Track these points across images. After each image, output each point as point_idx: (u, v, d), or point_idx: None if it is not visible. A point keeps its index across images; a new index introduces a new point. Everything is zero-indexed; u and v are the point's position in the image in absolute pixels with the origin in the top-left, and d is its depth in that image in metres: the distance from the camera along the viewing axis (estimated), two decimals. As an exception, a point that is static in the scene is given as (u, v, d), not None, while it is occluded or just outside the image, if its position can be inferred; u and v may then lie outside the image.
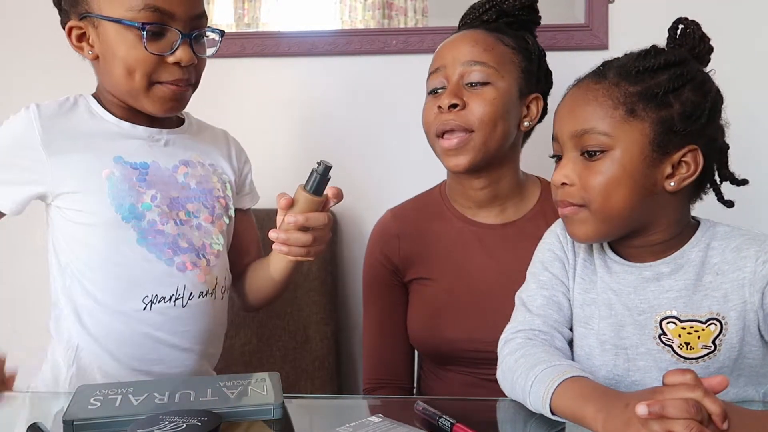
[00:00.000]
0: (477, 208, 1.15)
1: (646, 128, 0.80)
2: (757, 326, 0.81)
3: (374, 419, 0.74)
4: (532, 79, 1.11)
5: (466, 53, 1.08)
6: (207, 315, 1.04)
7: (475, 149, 1.06)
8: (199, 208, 1.04)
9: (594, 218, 0.83)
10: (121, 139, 1.00)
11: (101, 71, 1.00)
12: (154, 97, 0.98)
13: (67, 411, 0.69)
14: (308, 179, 0.93)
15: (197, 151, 1.08)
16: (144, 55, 0.94)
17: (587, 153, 0.82)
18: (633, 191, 0.81)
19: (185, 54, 0.96)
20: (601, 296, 0.87)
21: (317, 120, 1.57)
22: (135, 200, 0.97)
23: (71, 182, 0.96)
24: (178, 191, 1.02)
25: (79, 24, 0.97)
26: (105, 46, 0.96)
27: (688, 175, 0.81)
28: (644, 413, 0.63)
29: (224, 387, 0.75)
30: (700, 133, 0.81)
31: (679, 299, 0.83)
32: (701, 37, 0.86)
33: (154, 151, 1.02)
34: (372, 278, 1.23)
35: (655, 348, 0.83)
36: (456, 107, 1.06)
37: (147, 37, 0.93)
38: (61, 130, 0.97)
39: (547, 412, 0.75)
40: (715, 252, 0.83)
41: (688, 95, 0.80)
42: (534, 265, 0.94)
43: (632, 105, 0.80)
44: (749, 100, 1.44)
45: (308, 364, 1.50)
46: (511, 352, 0.85)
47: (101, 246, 0.97)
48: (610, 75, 0.83)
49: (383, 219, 1.23)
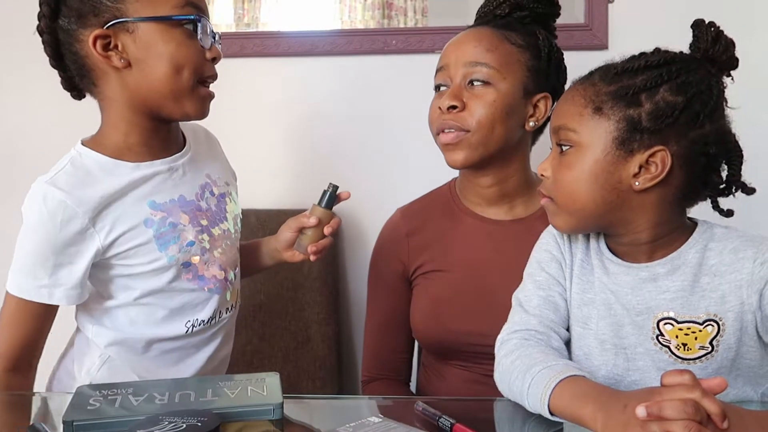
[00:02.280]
0: (486, 205, 1.15)
1: (611, 126, 0.80)
2: (755, 327, 0.81)
3: (374, 419, 0.74)
4: (540, 77, 1.10)
5: (468, 53, 1.08)
6: (230, 324, 1.12)
7: (471, 147, 1.07)
8: (223, 230, 1.06)
9: (560, 210, 0.86)
10: (145, 183, 0.98)
11: (135, 80, 0.94)
12: (197, 98, 0.98)
13: (66, 411, 0.69)
14: (321, 198, 1.07)
15: (206, 170, 1.08)
16: (194, 50, 0.95)
17: (561, 147, 0.85)
18: (595, 187, 0.82)
19: (218, 50, 1.00)
20: (599, 296, 0.87)
21: (317, 120, 1.57)
22: (178, 241, 0.99)
23: (120, 242, 0.96)
24: (206, 219, 1.03)
25: (105, 32, 0.92)
26: (145, 49, 0.93)
27: (654, 175, 0.80)
28: (643, 415, 0.63)
29: (224, 387, 0.76)
30: (676, 134, 0.79)
31: (676, 300, 0.83)
32: (715, 38, 0.84)
33: (177, 183, 1.02)
34: (378, 275, 1.23)
35: (653, 348, 0.83)
36: (455, 109, 1.07)
37: (196, 31, 0.95)
38: (94, 199, 0.94)
39: (545, 413, 0.75)
40: (713, 253, 0.83)
41: (663, 95, 0.79)
42: (531, 266, 0.94)
43: (600, 103, 0.81)
44: (749, 102, 1.43)
45: (309, 364, 1.50)
46: (507, 354, 0.85)
47: (147, 287, 0.99)
48: (594, 76, 0.85)
49: (393, 218, 1.24)
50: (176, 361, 1.04)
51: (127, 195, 0.96)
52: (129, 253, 0.96)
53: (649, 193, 0.81)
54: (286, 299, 1.52)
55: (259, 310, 1.51)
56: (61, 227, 0.92)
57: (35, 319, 0.96)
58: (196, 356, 1.05)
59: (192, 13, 0.94)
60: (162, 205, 0.98)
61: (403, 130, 1.51)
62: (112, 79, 0.95)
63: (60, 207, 0.92)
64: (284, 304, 1.52)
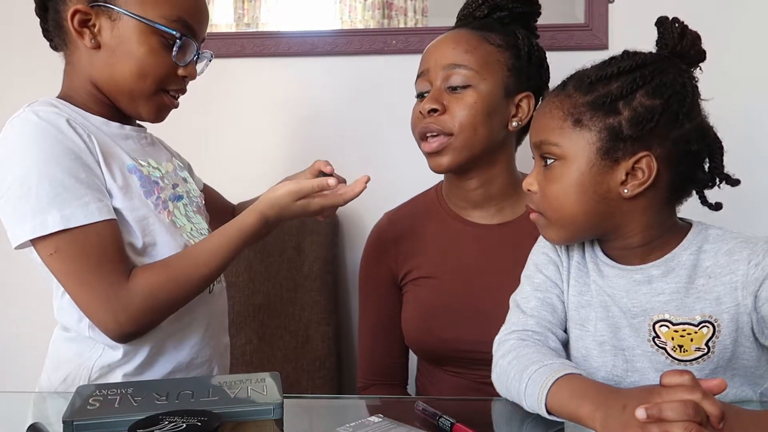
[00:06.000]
0: (472, 209, 1.15)
1: (592, 137, 0.80)
2: (751, 328, 0.81)
3: (374, 419, 0.74)
4: (521, 76, 1.10)
5: (447, 56, 1.08)
6: (222, 298, 1.10)
7: (455, 151, 1.07)
8: (191, 201, 1.07)
9: (551, 224, 0.86)
10: (120, 140, 0.99)
11: (100, 63, 0.96)
12: (154, 104, 0.99)
13: (66, 411, 0.69)
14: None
15: (165, 151, 1.11)
16: (164, 62, 0.96)
17: (545, 161, 0.85)
18: (584, 198, 0.81)
19: (194, 70, 1.01)
20: (596, 298, 0.87)
21: (317, 120, 1.57)
22: (160, 195, 0.99)
23: (114, 188, 0.94)
24: (179, 188, 1.04)
25: (87, 10, 0.94)
26: (119, 42, 0.94)
27: (641, 181, 0.80)
28: (643, 417, 0.63)
29: (224, 387, 0.75)
30: (658, 137, 0.79)
31: (671, 302, 0.83)
32: (681, 34, 0.84)
33: (146, 150, 1.03)
34: (367, 280, 1.24)
35: (650, 350, 0.83)
36: (436, 112, 1.06)
37: (176, 48, 0.96)
38: (86, 135, 0.93)
39: (543, 412, 0.75)
40: (707, 255, 0.83)
41: (640, 100, 0.79)
42: (528, 269, 0.95)
43: (579, 115, 0.81)
44: (748, 101, 1.44)
45: (309, 364, 1.50)
46: (504, 354, 0.85)
47: (140, 232, 0.95)
48: (568, 87, 0.84)
49: (379, 224, 1.23)
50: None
51: (107, 143, 0.96)
52: (120, 194, 0.94)
53: (639, 198, 0.81)
54: (286, 299, 1.52)
55: (259, 310, 1.51)
56: (68, 133, 0.90)
57: (100, 239, 0.88)
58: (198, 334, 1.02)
59: (179, 30, 0.95)
60: (139, 161, 0.99)
61: (404, 130, 1.50)
62: (81, 51, 0.97)
63: (58, 117, 0.90)
64: (284, 304, 1.52)
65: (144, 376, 0.96)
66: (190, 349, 1.01)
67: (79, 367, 0.96)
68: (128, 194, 0.94)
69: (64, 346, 0.98)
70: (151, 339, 0.96)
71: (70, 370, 0.97)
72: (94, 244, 0.88)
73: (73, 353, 0.97)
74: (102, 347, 0.95)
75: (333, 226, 1.54)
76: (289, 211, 0.96)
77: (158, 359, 0.98)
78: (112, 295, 0.89)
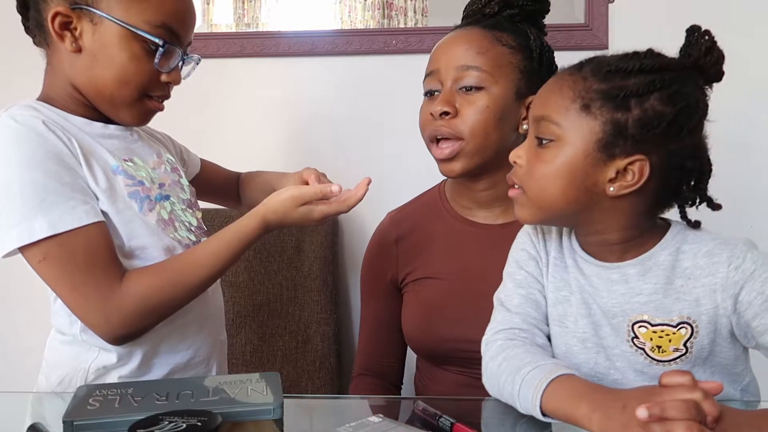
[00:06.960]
0: (477, 209, 1.14)
1: (596, 126, 0.78)
2: (729, 330, 0.81)
3: (374, 419, 0.74)
4: (532, 78, 1.08)
5: (459, 57, 1.06)
6: (217, 295, 1.09)
7: (467, 157, 1.06)
8: (180, 200, 1.05)
9: (530, 203, 0.84)
10: (104, 140, 0.97)
11: (81, 67, 0.94)
12: (137, 109, 0.97)
13: (67, 411, 0.69)
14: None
15: (154, 144, 1.08)
16: (147, 69, 0.94)
17: (540, 139, 0.83)
18: (570, 186, 0.80)
19: (179, 76, 0.99)
20: (576, 296, 0.87)
21: (317, 120, 1.57)
22: (147, 195, 0.97)
23: (98, 191, 0.92)
24: (166, 187, 1.03)
25: (68, 12, 0.91)
26: (100, 46, 0.92)
27: (630, 184, 0.78)
28: (645, 416, 0.63)
29: (224, 387, 0.75)
30: (657, 145, 0.78)
31: (650, 303, 0.82)
32: (708, 49, 0.81)
33: (132, 148, 1.01)
34: (368, 281, 1.24)
35: (629, 350, 0.83)
36: (447, 115, 1.05)
37: (158, 54, 0.93)
38: (65, 138, 0.91)
39: (537, 414, 0.74)
40: (686, 256, 0.82)
41: (653, 103, 0.77)
42: (510, 265, 0.94)
43: (589, 101, 0.79)
44: (748, 102, 1.44)
45: (309, 364, 1.50)
46: (494, 357, 0.84)
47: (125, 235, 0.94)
48: (585, 69, 0.82)
49: (382, 224, 1.23)
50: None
51: (89, 144, 0.93)
52: (104, 203, 0.91)
53: (622, 199, 0.80)
54: (286, 299, 1.52)
55: (258, 310, 1.51)
56: (47, 136, 0.88)
57: (90, 242, 0.87)
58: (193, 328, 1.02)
59: (163, 37, 0.93)
60: (124, 161, 0.97)
61: (404, 130, 1.50)
62: (62, 53, 0.95)
63: (36, 120, 0.88)
64: (284, 304, 1.52)
65: (142, 378, 0.95)
66: (188, 350, 1.01)
67: (75, 369, 0.96)
68: (112, 196, 0.93)
69: (60, 348, 0.98)
70: (146, 341, 0.95)
71: (66, 372, 0.96)
72: (84, 248, 0.87)
73: (68, 356, 0.97)
74: (97, 350, 0.95)
75: (333, 226, 1.54)
76: (290, 217, 0.95)
77: (155, 361, 0.98)
78: (104, 298, 0.88)
